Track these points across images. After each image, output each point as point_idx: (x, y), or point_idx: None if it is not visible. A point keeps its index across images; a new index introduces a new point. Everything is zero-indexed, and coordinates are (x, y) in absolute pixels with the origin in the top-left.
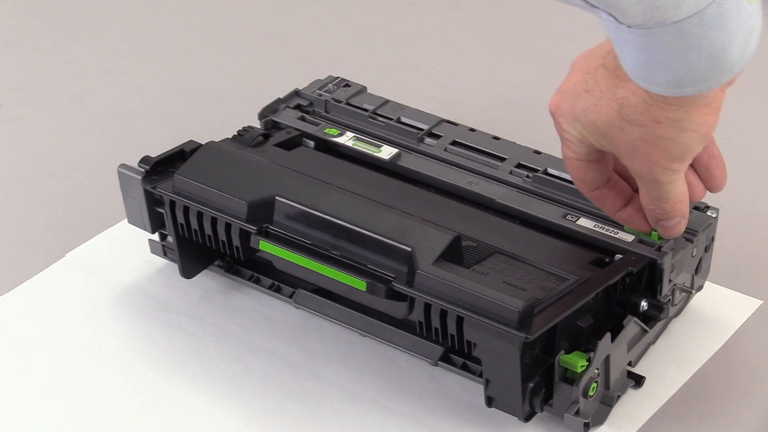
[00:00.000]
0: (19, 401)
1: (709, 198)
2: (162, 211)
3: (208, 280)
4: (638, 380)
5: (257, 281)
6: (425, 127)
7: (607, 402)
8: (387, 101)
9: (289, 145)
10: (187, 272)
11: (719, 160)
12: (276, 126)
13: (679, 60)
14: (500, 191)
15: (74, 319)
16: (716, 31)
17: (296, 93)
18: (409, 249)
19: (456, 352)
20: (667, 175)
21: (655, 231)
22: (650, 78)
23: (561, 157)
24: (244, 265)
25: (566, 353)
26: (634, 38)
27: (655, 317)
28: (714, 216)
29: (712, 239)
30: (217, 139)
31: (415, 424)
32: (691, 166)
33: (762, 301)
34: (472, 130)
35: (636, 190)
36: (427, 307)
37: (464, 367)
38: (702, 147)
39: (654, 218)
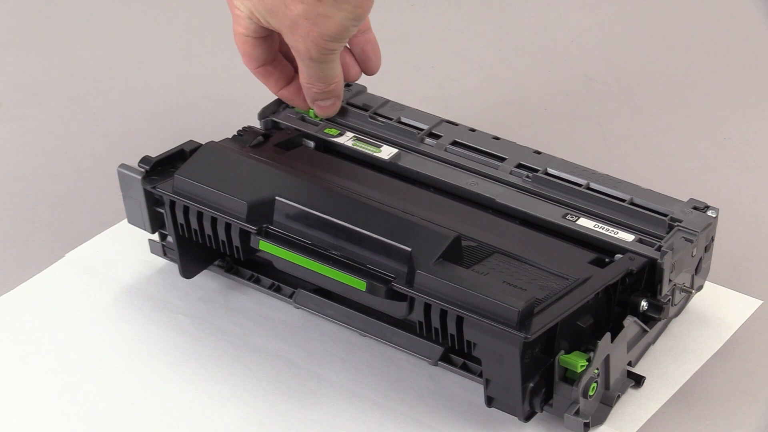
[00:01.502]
0: (19, 401)
1: (709, 198)
2: (162, 211)
3: (208, 280)
4: (638, 380)
5: (257, 281)
6: (425, 127)
7: (607, 402)
8: (387, 101)
9: (289, 145)
10: (187, 272)
11: (374, 44)
12: (276, 126)
13: None
14: (500, 191)
15: (74, 318)
16: None
17: None
18: (409, 249)
19: (456, 352)
20: (324, 54)
21: (312, 109)
22: None
23: (561, 158)
24: (244, 265)
25: (566, 353)
26: None
27: (655, 317)
28: (714, 216)
29: (712, 239)
30: (217, 139)
31: (415, 424)
32: (349, 49)
33: (762, 301)
34: (472, 130)
35: (297, 71)
36: (427, 307)
37: (464, 367)
38: (356, 29)
39: (311, 97)
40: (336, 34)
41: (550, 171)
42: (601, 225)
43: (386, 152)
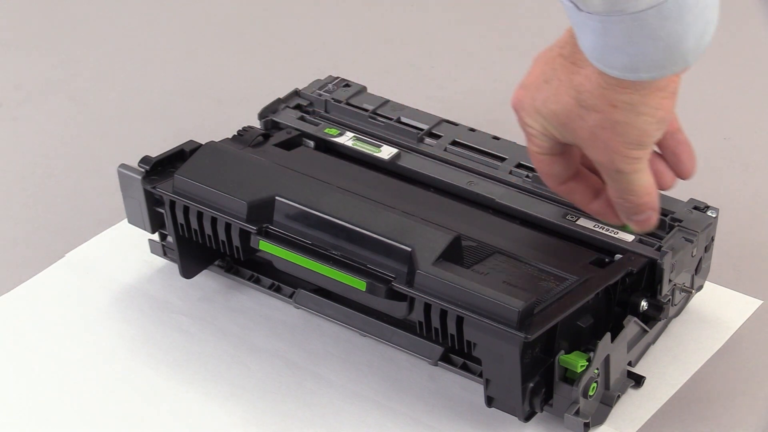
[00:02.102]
0: (19, 401)
1: (709, 198)
2: (162, 211)
3: (208, 280)
4: (638, 380)
5: (257, 281)
6: (425, 127)
7: (607, 402)
8: (387, 101)
9: (289, 145)
10: (187, 272)
11: (687, 146)
12: (276, 126)
13: (635, 47)
14: (500, 191)
15: (74, 319)
16: (673, 23)
17: (296, 93)
18: (409, 249)
19: (456, 352)
20: (628, 163)
21: (627, 225)
22: (607, 61)
23: None
24: (244, 265)
25: (566, 353)
26: (593, 23)
27: (655, 317)
28: (714, 216)
29: (712, 239)
30: (217, 139)
31: (415, 424)
32: (659, 155)
33: (762, 301)
34: (472, 130)
35: (604, 182)
36: (427, 307)
37: (464, 367)
38: (661, 132)
39: (624, 212)
40: (638, 140)
41: None
42: (601, 225)
43: (386, 152)
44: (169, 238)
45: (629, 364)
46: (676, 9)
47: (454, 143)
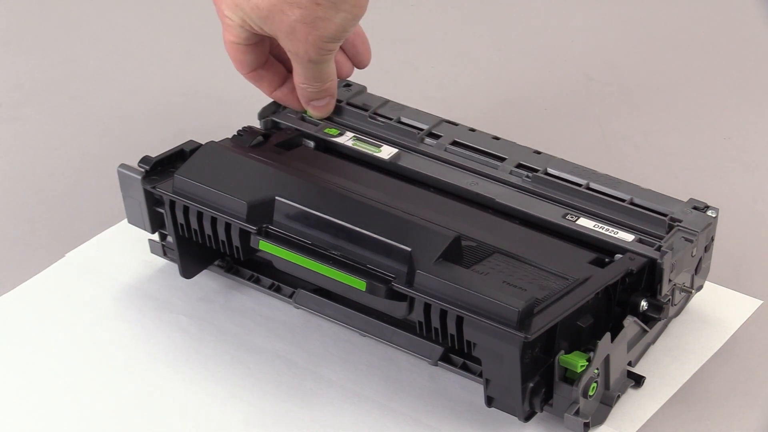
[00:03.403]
0: (19, 401)
1: (709, 198)
2: (162, 211)
3: (208, 280)
4: (638, 380)
5: (257, 281)
6: (425, 127)
7: (607, 402)
8: (387, 101)
9: (289, 145)
10: (187, 272)
11: (363, 37)
12: (276, 126)
13: None
14: (500, 191)
15: (74, 318)
16: None
17: None
18: (409, 249)
19: (456, 352)
20: (321, 55)
21: (308, 109)
22: None
23: (561, 158)
24: (244, 265)
25: (566, 353)
26: None
27: (655, 317)
28: (714, 216)
29: (712, 239)
30: (217, 139)
31: (415, 424)
32: (340, 46)
33: (762, 301)
34: (472, 130)
35: (290, 71)
36: (427, 307)
37: (464, 367)
38: (353, 28)
39: (306, 97)
40: (335, 35)
41: (550, 171)
42: (601, 225)
43: (386, 152)
44: (169, 238)
45: (629, 364)
46: None
47: (454, 143)
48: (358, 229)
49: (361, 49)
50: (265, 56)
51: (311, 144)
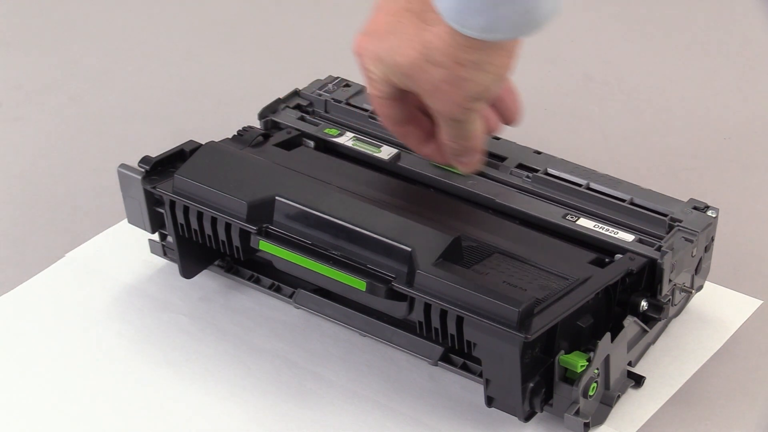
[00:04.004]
0: (19, 401)
1: (709, 198)
2: (162, 211)
3: (208, 280)
4: (638, 380)
5: (257, 281)
6: None
7: (607, 402)
8: None
9: (289, 145)
10: (187, 272)
11: (513, 94)
12: (276, 126)
13: (495, 10)
14: (500, 191)
15: (74, 318)
16: None
17: (296, 93)
18: (409, 249)
19: (456, 352)
20: (466, 114)
21: (454, 164)
22: (465, 22)
23: (561, 158)
24: (244, 265)
25: (566, 353)
26: None
27: (655, 317)
28: (714, 216)
29: (712, 239)
30: (217, 139)
31: (415, 424)
32: None
33: (762, 301)
34: None
35: (436, 125)
36: (427, 307)
37: (464, 367)
38: (500, 88)
39: (452, 153)
40: (479, 94)
41: (550, 171)
42: (601, 225)
43: (386, 152)
44: (169, 238)
45: (629, 364)
46: None
47: None
48: (358, 229)
49: (510, 104)
50: (411, 111)
51: (311, 144)
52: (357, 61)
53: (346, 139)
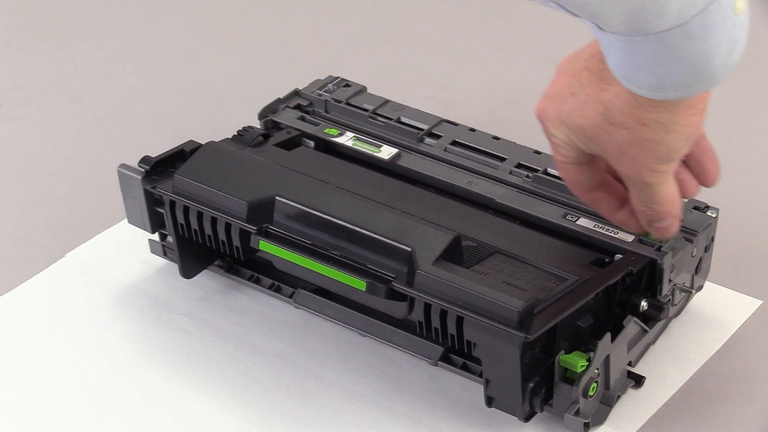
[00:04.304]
0: (19, 401)
1: (709, 198)
2: (162, 211)
3: (208, 280)
4: (638, 380)
5: (257, 281)
6: (425, 127)
7: (607, 402)
8: (387, 101)
9: (289, 145)
10: (187, 272)
11: (711, 154)
12: (276, 126)
13: (661, 66)
14: (500, 191)
15: (74, 318)
16: (699, 43)
17: (296, 93)
18: (409, 249)
19: (456, 352)
20: (655, 177)
21: (649, 231)
22: (633, 80)
23: None
24: (244, 265)
25: (566, 353)
26: (618, 43)
27: (655, 317)
28: (714, 216)
29: (712, 239)
30: (217, 139)
31: (415, 424)
32: (683, 162)
33: (762, 301)
34: (472, 130)
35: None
36: (427, 307)
37: (464, 367)
38: (689, 148)
39: (646, 219)
40: (667, 156)
41: (550, 171)
42: (601, 225)
43: (386, 152)
44: (169, 238)
45: (629, 364)
46: (701, 29)
47: (454, 143)
48: (358, 229)
49: (708, 166)
50: (600, 176)
51: (311, 144)
52: (540, 125)
53: (346, 139)
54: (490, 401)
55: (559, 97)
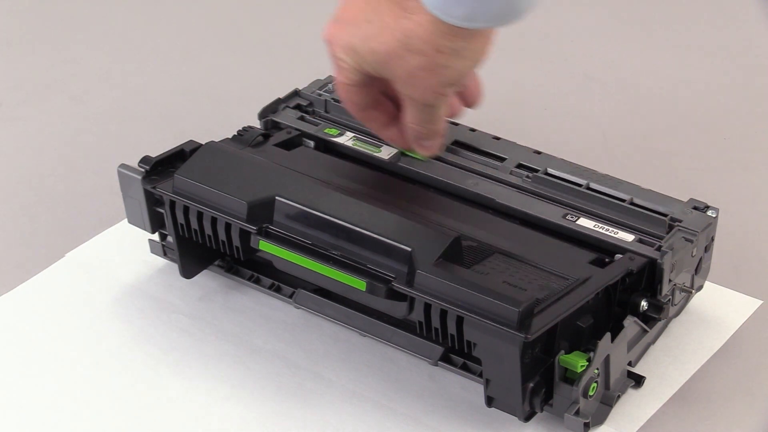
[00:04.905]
0: (19, 401)
1: (709, 198)
2: (162, 211)
3: (208, 280)
4: (638, 380)
5: (257, 281)
6: None
7: (607, 402)
8: None
9: (289, 145)
10: (187, 272)
11: (476, 78)
12: (276, 126)
13: (476, 0)
14: (500, 191)
15: (74, 318)
16: None
17: (296, 93)
18: (409, 249)
19: (456, 352)
20: (438, 99)
21: (415, 148)
22: (447, 10)
23: (561, 157)
24: (244, 265)
25: (566, 353)
26: None
27: (655, 317)
28: (714, 216)
29: (712, 239)
30: (217, 139)
31: (415, 424)
32: None
33: (762, 301)
34: (472, 130)
35: (399, 109)
36: (427, 307)
37: (464, 367)
38: (473, 73)
39: (416, 137)
40: (455, 80)
41: (550, 171)
42: (601, 225)
43: (386, 152)
44: (169, 238)
45: (629, 364)
46: None
47: (455, 143)
48: (358, 229)
49: (473, 89)
50: (376, 96)
51: (311, 144)
52: (327, 48)
53: (346, 139)
54: (490, 401)
55: (352, 23)
